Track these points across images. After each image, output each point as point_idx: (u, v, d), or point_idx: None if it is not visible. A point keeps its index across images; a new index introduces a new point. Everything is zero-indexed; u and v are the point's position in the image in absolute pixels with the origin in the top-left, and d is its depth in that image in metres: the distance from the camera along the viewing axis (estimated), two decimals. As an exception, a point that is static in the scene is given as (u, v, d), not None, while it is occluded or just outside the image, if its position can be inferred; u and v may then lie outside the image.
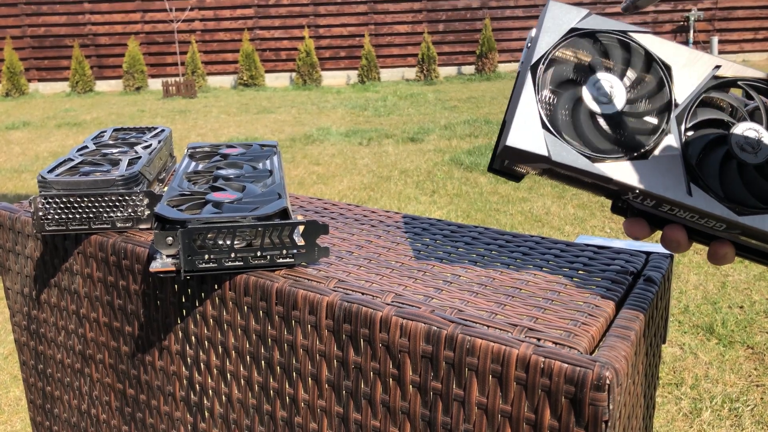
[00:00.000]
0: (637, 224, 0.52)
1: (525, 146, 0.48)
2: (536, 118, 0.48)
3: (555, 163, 0.48)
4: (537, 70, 0.50)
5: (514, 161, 0.50)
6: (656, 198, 0.48)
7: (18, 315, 0.82)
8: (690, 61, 0.51)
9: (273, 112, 7.17)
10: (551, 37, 0.51)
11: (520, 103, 0.49)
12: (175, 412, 0.67)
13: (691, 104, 0.50)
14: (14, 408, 1.97)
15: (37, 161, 5.19)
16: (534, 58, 0.50)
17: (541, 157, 0.48)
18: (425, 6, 9.68)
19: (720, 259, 0.51)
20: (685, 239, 0.51)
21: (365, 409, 0.52)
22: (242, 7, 9.73)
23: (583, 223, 3.31)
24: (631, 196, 0.49)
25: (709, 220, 0.48)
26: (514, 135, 0.48)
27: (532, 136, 0.48)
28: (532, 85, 0.49)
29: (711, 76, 0.50)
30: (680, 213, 0.49)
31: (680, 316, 2.32)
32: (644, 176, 0.48)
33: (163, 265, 0.56)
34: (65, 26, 9.71)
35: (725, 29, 9.49)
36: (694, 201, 0.48)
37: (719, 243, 0.51)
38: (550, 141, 0.48)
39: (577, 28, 0.51)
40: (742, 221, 0.48)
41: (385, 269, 0.58)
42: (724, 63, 0.51)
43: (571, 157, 0.48)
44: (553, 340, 0.45)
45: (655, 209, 0.50)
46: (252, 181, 0.67)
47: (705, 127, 0.50)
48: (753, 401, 1.83)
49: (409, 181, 4.19)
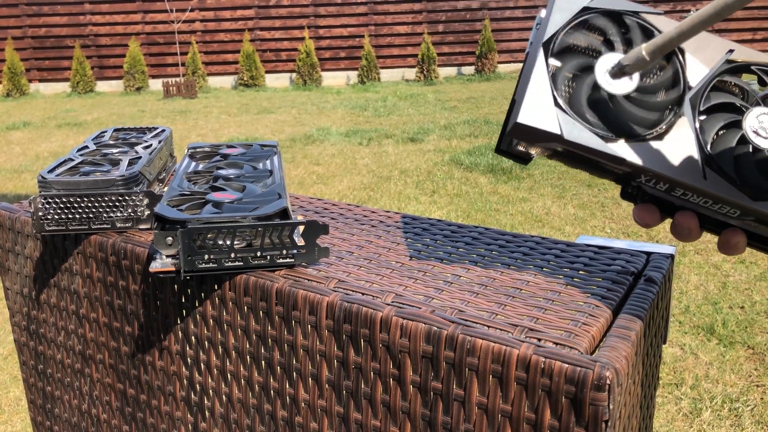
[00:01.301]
0: (648, 210, 0.50)
1: (536, 124, 0.46)
2: (548, 95, 0.47)
3: (567, 143, 0.46)
4: (549, 48, 0.48)
5: (524, 140, 0.48)
6: (670, 181, 0.47)
7: (18, 315, 0.82)
8: (703, 45, 0.50)
9: (273, 113, 7.17)
10: (563, 16, 0.49)
11: (531, 80, 0.47)
12: (176, 412, 0.67)
13: (705, 87, 0.49)
14: (14, 408, 1.97)
15: (37, 161, 5.19)
16: (546, 35, 0.48)
17: (553, 135, 0.46)
18: (425, 6, 9.68)
19: (732, 248, 0.50)
20: (696, 226, 0.50)
21: (365, 409, 0.52)
22: (243, 7, 9.73)
23: (583, 223, 3.31)
24: (643, 179, 0.48)
25: (723, 206, 0.47)
26: (525, 112, 0.46)
27: (544, 113, 0.46)
28: (545, 63, 0.48)
29: (725, 60, 0.49)
30: (693, 198, 0.47)
31: (681, 316, 2.32)
32: (658, 158, 0.47)
33: (162, 266, 0.56)
34: (66, 27, 9.72)
35: (724, 29, 9.49)
36: (708, 185, 0.46)
37: (732, 231, 0.49)
38: (562, 119, 0.46)
39: (590, 8, 0.50)
40: (757, 207, 0.46)
41: (385, 269, 0.58)
42: (737, 47, 0.50)
43: (584, 136, 0.46)
44: (553, 341, 0.45)
45: (668, 194, 0.48)
46: (252, 181, 0.67)
47: (718, 111, 0.49)
48: (753, 401, 1.83)
49: (409, 182, 4.19)
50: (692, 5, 9.47)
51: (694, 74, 0.49)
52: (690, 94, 0.49)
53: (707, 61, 0.50)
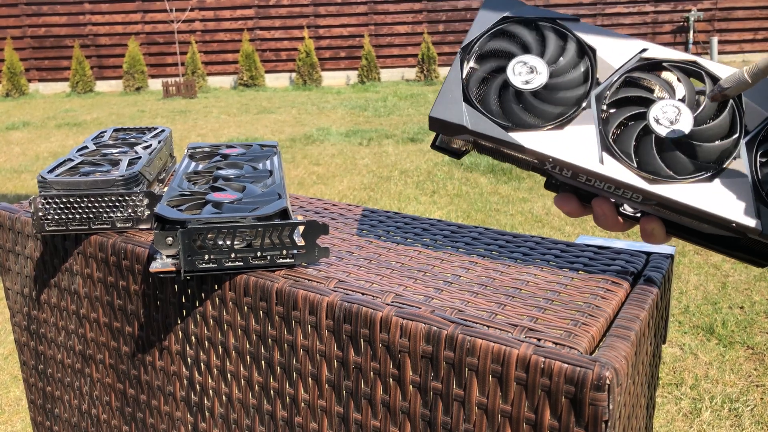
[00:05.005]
0: (566, 198, 0.55)
1: (446, 116, 0.53)
2: (459, 92, 0.53)
3: (473, 133, 0.52)
4: (465, 52, 0.55)
5: (441, 132, 0.54)
6: (570, 167, 0.51)
7: (18, 315, 0.82)
8: (617, 45, 0.54)
9: (273, 113, 7.17)
10: (483, 24, 0.55)
11: (447, 79, 0.54)
12: (176, 412, 0.67)
13: (612, 83, 0.53)
14: (15, 408, 1.97)
15: (37, 161, 5.19)
16: (466, 41, 0.55)
17: (460, 126, 0.52)
18: (425, 6, 9.68)
19: (649, 235, 0.53)
20: (611, 211, 0.53)
21: (365, 409, 0.52)
22: (242, 7, 9.73)
23: (583, 223, 3.31)
24: (549, 166, 0.52)
25: (626, 191, 0.50)
26: (437, 107, 0.53)
27: (454, 108, 0.53)
28: (459, 65, 0.54)
29: (637, 58, 0.53)
30: (597, 183, 0.51)
31: (680, 316, 2.32)
32: (558, 146, 0.51)
33: (163, 266, 0.56)
34: (65, 26, 9.72)
35: (725, 29, 9.49)
36: (606, 170, 0.50)
37: (646, 218, 0.53)
38: (468, 112, 0.52)
39: (509, 17, 0.55)
40: (655, 191, 0.49)
41: (385, 269, 0.58)
42: (651, 46, 0.53)
43: (486, 127, 0.52)
44: (553, 341, 0.45)
45: (575, 180, 0.52)
46: (252, 181, 0.67)
47: (629, 104, 0.52)
48: (753, 401, 1.83)
49: (409, 182, 4.19)
50: (692, 5, 9.47)
51: (606, 71, 0.53)
52: (597, 90, 0.52)
53: (620, 59, 0.53)
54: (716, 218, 0.48)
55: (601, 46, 0.54)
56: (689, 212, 0.49)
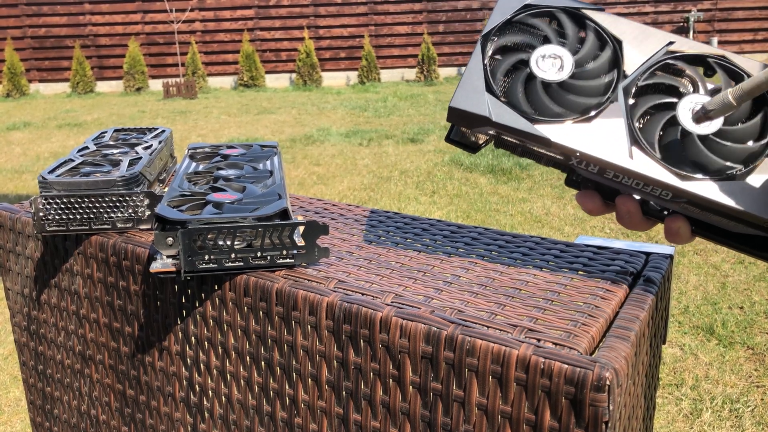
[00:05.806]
0: (589, 196, 0.52)
1: (468, 107, 0.50)
2: (482, 82, 0.50)
3: (496, 125, 0.49)
4: (486, 41, 0.52)
5: (461, 125, 0.52)
6: (598, 162, 0.49)
7: (18, 315, 0.82)
8: (643, 37, 0.52)
9: (273, 113, 7.17)
10: (505, 11, 0.53)
11: (468, 69, 0.51)
12: (175, 413, 0.67)
13: (640, 76, 0.51)
14: (14, 408, 1.97)
15: (37, 162, 5.19)
16: (486, 29, 0.52)
17: (482, 118, 0.49)
18: (425, 6, 9.68)
19: (674, 235, 0.51)
20: (636, 209, 0.51)
21: (365, 410, 0.52)
22: (242, 8, 9.73)
23: (582, 223, 3.31)
24: (574, 161, 0.50)
25: (654, 188, 0.49)
26: (458, 97, 0.50)
27: (477, 98, 0.50)
28: (481, 53, 0.51)
29: (664, 51, 0.51)
30: (625, 180, 0.49)
31: (680, 316, 2.32)
32: (585, 139, 0.49)
33: (163, 266, 0.56)
34: (66, 27, 9.72)
35: (725, 30, 9.49)
36: (635, 165, 0.48)
37: (672, 217, 0.51)
38: (491, 103, 0.50)
39: (531, 5, 0.53)
40: (686, 188, 0.47)
41: (385, 270, 0.58)
42: (678, 39, 0.52)
43: (511, 119, 0.49)
44: (553, 341, 0.45)
45: (601, 176, 0.50)
46: (252, 181, 0.67)
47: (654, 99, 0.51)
48: (753, 402, 1.83)
49: (409, 182, 4.19)
50: (692, 5, 9.47)
51: (633, 64, 0.51)
52: (625, 82, 0.51)
53: (647, 52, 0.52)
54: (749, 216, 0.47)
55: (627, 37, 0.52)
56: (721, 210, 0.48)
